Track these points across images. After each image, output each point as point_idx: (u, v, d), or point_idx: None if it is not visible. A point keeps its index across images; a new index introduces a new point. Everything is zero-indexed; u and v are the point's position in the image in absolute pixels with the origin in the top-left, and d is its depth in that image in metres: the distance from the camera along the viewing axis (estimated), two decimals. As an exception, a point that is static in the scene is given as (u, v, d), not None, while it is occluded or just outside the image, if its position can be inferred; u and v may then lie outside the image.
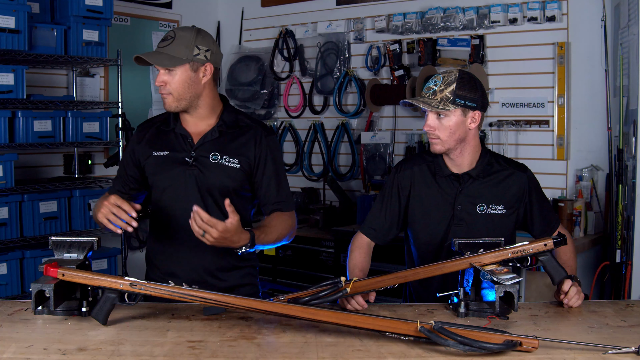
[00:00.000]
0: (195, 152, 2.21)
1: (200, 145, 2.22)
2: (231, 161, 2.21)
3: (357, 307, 1.98)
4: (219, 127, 2.23)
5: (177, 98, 2.16)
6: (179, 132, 2.24)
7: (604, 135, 3.77)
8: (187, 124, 2.25)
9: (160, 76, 2.14)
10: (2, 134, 3.63)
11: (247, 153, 2.23)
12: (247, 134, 2.25)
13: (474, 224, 2.22)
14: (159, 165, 2.24)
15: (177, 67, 2.13)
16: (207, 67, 2.18)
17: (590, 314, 1.98)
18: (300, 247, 4.44)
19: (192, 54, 2.13)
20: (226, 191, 2.20)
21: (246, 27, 5.35)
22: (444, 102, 2.13)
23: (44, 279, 1.83)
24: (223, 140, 2.23)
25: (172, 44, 2.13)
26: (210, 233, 1.93)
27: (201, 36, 2.17)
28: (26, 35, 3.61)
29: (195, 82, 2.17)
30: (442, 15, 4.26)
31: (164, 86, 2.15)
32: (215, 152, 2.21)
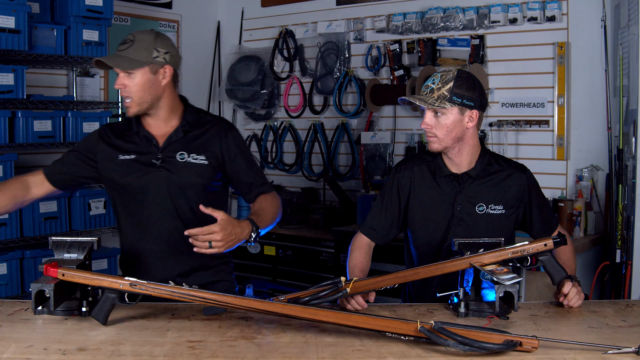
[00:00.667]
0: (162, 153, 2.23)
1: (167, 146, 2.24)
2: (198, 158, 2.24)
3: (357, 307, 1.98)
4: (183, 127, 2.26)
5: (138, 101, 2.18)
6: (143, 135, 2.26)
7: (604, 135, 3.77)
8: (150, 126, 2.27)
9: (120, 79, 2.16)
10: (2, 134, 3.63)
11: (213, 148, 2.26)
12: (210, 130, 2.29)
13: (474, 224, 2.22)
14: (127, 169, 2.23)
15: (136, 70, 2.15)
16: (166, 69, 2.20)
17: (590, 314, 1.98)
18: (300, 247, 4.44)
19: (152, 57, 2.15)
20: (197, 188, 2.23)
21: (246, 27, 5.35)
22: (441, 100, 2.13)
23: (44, 279, 1.83)
24: (188, 139, 2.25)
25: (132, 47, 2.15)
26: (214, 238, 1.94)
27: (160, 39, 2.19)
28: (26, 35, 3.60)
29: (155, 85, 2.19)
30: (442, 15, 4.26)
31: (124, 89, 2.17)
32: (181, 152, 2.23)
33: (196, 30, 5.25)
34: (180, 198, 2.23)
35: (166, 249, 2.23)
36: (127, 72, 2.15)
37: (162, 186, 2.21)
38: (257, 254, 4.67)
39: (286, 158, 5.15)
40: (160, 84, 2.20)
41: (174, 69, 2.23)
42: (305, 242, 4.41)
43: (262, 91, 5.08)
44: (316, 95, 4.97)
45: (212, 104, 5.41)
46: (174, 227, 2.22)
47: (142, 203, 2.23)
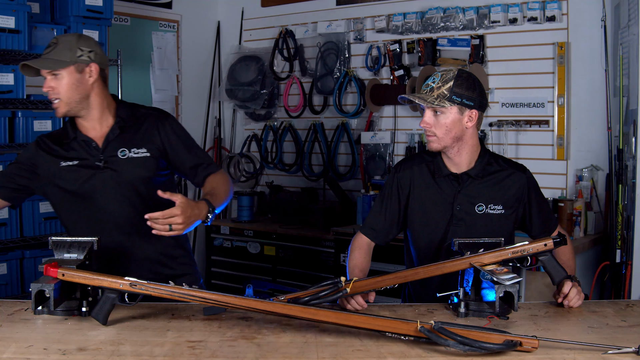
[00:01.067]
0: (103, 154, 2.23)
1: (106, 146, 2.24)
2: (139, 152, 2.25)
3: (357, 307, 1.98)
4: (118, 124, 2.27)
5: (66, 101, 2.18)
6: (82, 140, 2.25)
7: (604, 135, 3.77)
8: (87, 130, 2.26)
9: (47, 82, 2.17)
10: (2, 134, 3.63)
11: (153, 139, 2.28)
12: (146, 122, 2.30)
13: (473, 224, 2.22)
14: (72, 175, 2.23)
15: (62, 70, 2.15)
16: (92, 67, 2.21)
17: (590, 314, 1.98)
18: (300, 247, 4.44)
19: (76, 56, 2.16)
20: (145, 182, 2.24)
21: (246, 27, 5.35)
22: (440, 98, 2.13)
23: (44, 279, 1.83)
24: (126, 135, 2.26)
25: (56, 49, 2.17)
26: (175, 221, 1.97)
27: (83, 39, 2.21)
28: (26, 35, 3.60)
29: (82, 84, 2.19)
30: (442, 15, 4.26)
31: (52, 91, 2.17)
32: (122, 148, 2.24)
33: (196, 30, 5.26)
34: (132, 194, 2.25)
35: (129, 245, 2.26)
36: (53, 74, 2.16)
37: (110, 186, 2.23)
38: (257, 253, 4.67)
39: (286, 158, 5.15)
40: (88, 83, 2.21)
41: (100, 67, 2.24)
42: (305, 242, 4.41)
43: (262, 91, 5.08)
44: (316, 95, 4.97)
45: (212, 104, 5.41)
46: (131, 224, 2.25)
47: (95, 206, 2.24)
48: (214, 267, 4.97)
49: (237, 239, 4.79)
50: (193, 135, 2.43)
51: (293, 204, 4.76)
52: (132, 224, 2.24)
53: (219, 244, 4.91)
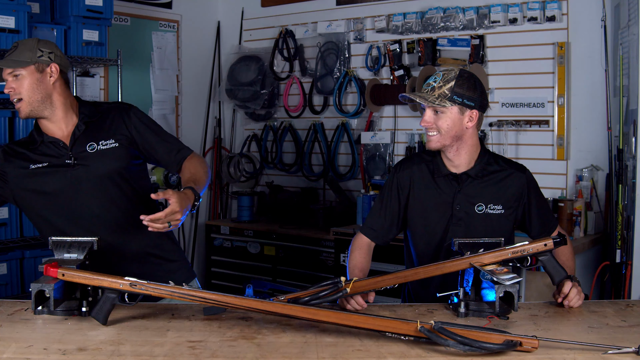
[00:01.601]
0: (72, 151, 2.24)
1: (74, 143, 2.25)
2: (108, 143, 2.27)
3: (356, 307, 1.98)
4: (83, 120, 2.28)
5: (28, 101, 2.19)
6: (48, 141, 2.25)
7: (604, 135, 3.77)
8: (53, 131, 2.27)
9: (8, 84, 2.19)
10: (2, 134, 3.63)
11: (120, 130, 2.29)
12: (110, 115, 2.33)
13: (473, 224, 2.22)
14: (43, 178, 2.23)
15: (23, 70, 2.17)
16: (52, 67, 2.23)
17: (590, 314, 1.98)
18: (300, 247, 4.44)
19: (36, 56, 2.19)
20: (118, 172, 2.25)
21: (246, 27, 5.35)
22: (441, 98, 2.14)
23: (44, 279, 1.83)
24: (92, 129, 2.28)
25: (16, 50, 2.20)
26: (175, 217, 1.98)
27: (43, 42, 2.24)
28: (26, 36, 3.60)
29: (44, 83, 2.21)
30: (442, 15, 4.26)
31: (14, 91, 2.19)
32: (90, 143, 2.26)
33: (196, 30, 5.26)
34: (108, 188, 2.25)
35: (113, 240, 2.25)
36: (14, 75, 2.18)
37: (85, 182, 2.23)
38: (257, 253, 4.67)
39: (286, 158, 5.15)
40: (49, 83, 2.23)
41: (60, 68, 2.26)
42: (305, 242, 4.41)
43: (262, 91, 5.08)
44: (316, 95, 4.97)
45: (212, 104, 5.41)
46: (113, 218, 2.26)
47: (71, 204, 2.23)
48: (214, 267, 4.97)
49: (237, 239, 4.79)
50: (193, 135, 2.45)
51: (293, 204, 4.76)
52: (114, 218, 2.26)
53: (219, 244, 4.91)
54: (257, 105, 5.13)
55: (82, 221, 2.25)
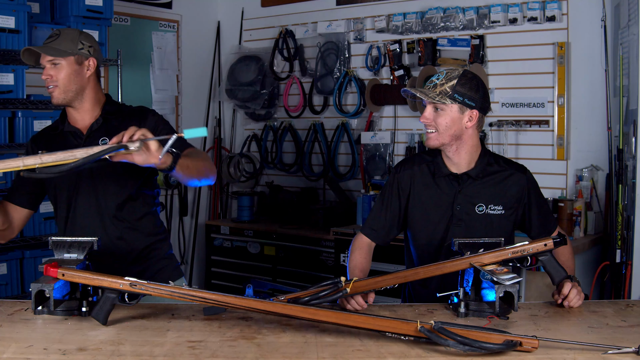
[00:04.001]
0: (86, 142, 2.28)
1: (89, 135, 2.31)
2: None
3: (357, 307, 1.98)
4: (103, 116, 2.33)
5: (64, 90, 2.25)
6: (68, 130, 2.33)
7: (604, 135, 3.77)
8: (75, 120, 2.34)
9: (47, 70, 2.25)
10: (2, 134, 3.63)
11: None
12: (129, 115, 2.36)
13: (473, 224, 2.22)
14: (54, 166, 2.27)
15: (63, 60, 2.23)
16: (90, 61, 2.30)
17: (590, 314, 1.98)
18: (300, 247, 4.44)
19: (77, 48, 2.25)
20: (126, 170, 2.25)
21: (246, 27, 5.35)
22: (442, 95, 2.14)
23: (44, 279, 1.83)
24: (109, 126, 2.32)
25: (58, 39, 2.25)
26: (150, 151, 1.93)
27: (84, 35, 2.31)
28: (26, 35, 3.60)
29: (80, 75, 2.28)
30: (442, 15, 4.26)
31: (51, 79, 2.24)
32: (104, 137, 2.30)
33: (196, 30, 5.25)
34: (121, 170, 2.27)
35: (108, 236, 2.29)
36: (53, 64, 2.24)
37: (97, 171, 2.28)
38: (257, 253, 4.67)
39: (286, 158, 5.15)
40: (85, 75, 2.29)
41: (97, 63, 2.32)
42: (305, 242, 4.41)
43: (262, 91, 5.08)
44: (316, 95, 4.97)
45: (212, 104, 5.41)
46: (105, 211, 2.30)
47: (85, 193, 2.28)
48: (214, 267, 4.97)
49: (237, 239, 4.79)
50: (193, 136, 2.43)
51: (293, 204, 4.76)
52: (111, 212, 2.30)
53: (219, 244, 4.91)
54: (257, 105, 5.13)
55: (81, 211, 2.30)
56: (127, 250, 2.34)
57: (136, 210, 2.35)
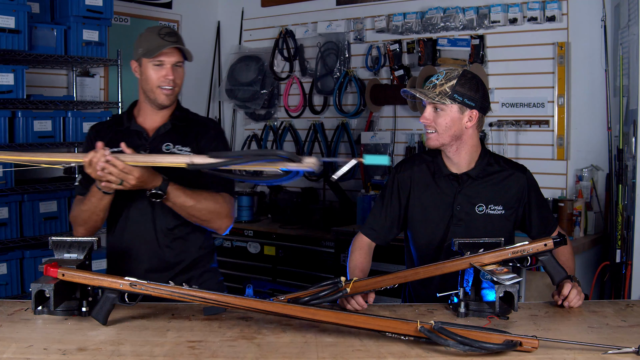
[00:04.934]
0: (150, 145, 2.27)
1: (154, 138, 2.28)
2: (183, 150, 2.27)
3: (357, 307, 1.98)
4: (172, 121, 2.31)
5: (177, 92, 2.28)
6: (134, 129, 2.31)
7: (604, 135, 3.77)
8: (144, 120, 2.32)
9: (171, 71, 2.23)
10: (2, 134, 3.63)
11: (198, 143, 2.30)
12: (197, 126, 2.34)
13: (473, 224, 2.22)
14: None
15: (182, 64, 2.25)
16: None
17: (590, 314, 1.98)
18: (300, 247, 4.44)
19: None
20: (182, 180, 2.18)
21: (246, 27, 5.35)
22: (442, 95, 2.14)
23: (44, 279, 1.83)
24: (176, 131, 2.30)
25: (181, 40, 2.26)
26: (128, 180, 1.99)
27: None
28: (26, 35, 3.61)
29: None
30: (442, 15, 4.26)
31: (173, 80, 2.24)
32: (168, 143, 2.28)
33: (196, 30, 5.25)
34: None
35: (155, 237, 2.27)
36: (177, 66, 2.25)
37: None
38: (257, 253, 4.67)
39: (286, 158, 5.14)
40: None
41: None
42: (305, 242, 4.41)
43: (262, 91, 5.08)
44: (316, 95, 4.97)
45: (212, 104, 5.41)
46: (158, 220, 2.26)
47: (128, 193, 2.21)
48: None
49: (237, 239, 4.79)
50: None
51: (293, 204, 4.76)
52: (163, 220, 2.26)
53: (219, 244, 4.90)
54: (257, 105, 5.13)
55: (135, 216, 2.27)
56: (176, 261, 2.29)
57: (188, 223, 2.27)
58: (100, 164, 1.98)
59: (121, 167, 1.98)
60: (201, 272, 2.35)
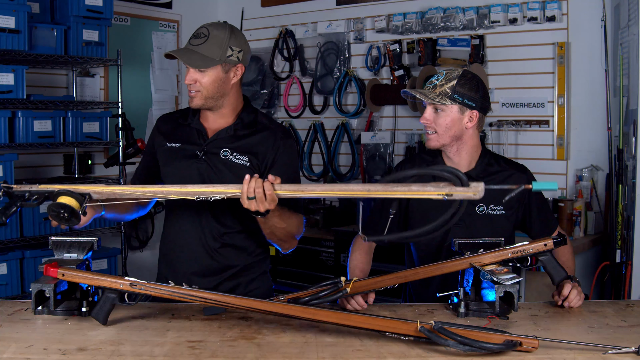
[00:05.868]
0: (207, 146, 2.18)
1: (214, 140, 2.18)
2: (241, 158, 2.16)
3: (357, 307, 1.98)
4: (236, 126, 2.19)
5: (205, 96, 2.13)
6: (195, 127, 2.22)
7: (604, 135, 3.77)
8: (206, 120, 2.23)
9: (190, 74, 2.12)
10: (2, 134, 3.63)
11: (259, 152, 2.17)
12: (262, 133, 2.20)
13: (473, 225, 2.22)
14: (169, 157, 2.22)
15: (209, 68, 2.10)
16: (238, 68, 2.15)
17: (590, 314, 1.98)
18: (300, 247, 4.43)
19: (226, 55, 2.10)
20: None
21: (246, 27, 5.35)
22: (442, 96, 2.14)
23: (44, 279, 1.83)
24: (236, 137, 2.19)
25: (206, 43, 2.09)
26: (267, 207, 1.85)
27: (234, 36, 2.13)
28: (26, 35, 3.61)
29: (225, 83, 2.14)
30: (442, 15, 4.26)
31: (194, 84, 2.12)
32: (226, 149, 2.17)
33: (196, 30, 5.25)
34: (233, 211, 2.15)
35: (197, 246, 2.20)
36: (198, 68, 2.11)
37: (196, 178, 2.15)
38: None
39: (286, 158, 5.15)
40: (230, 82, 2.16)
41: (245, 67, 2.18)
42: (305, 242, 4.40)
43: (262, 91, 5.08)
44: (316, 95, 4.97)
45: (212, 104, 5.40)
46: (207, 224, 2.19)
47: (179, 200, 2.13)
48: (214, 267, 4.96)
49: (237, 239, 4.79)
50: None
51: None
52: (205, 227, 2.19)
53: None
54: (257, 105, 5.12)
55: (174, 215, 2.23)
56: (223, 266, 2.21)
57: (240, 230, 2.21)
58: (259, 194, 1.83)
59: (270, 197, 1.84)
60: (251, 279, 2.27)
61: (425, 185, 1.74)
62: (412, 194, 1.74)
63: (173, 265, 2.25)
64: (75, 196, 1.85)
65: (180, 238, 2.24)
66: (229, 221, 2.20)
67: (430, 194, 1.74)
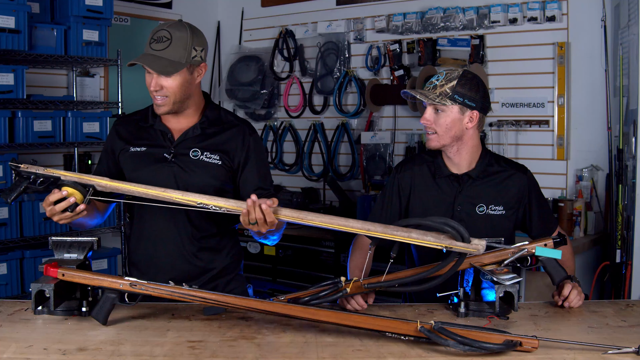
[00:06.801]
0: (175, 148, 2.14)
1: (181, 141, 2.15)
2: (212, 157, 2.14)
3: (357, 307, 1.98)
4: (201, 124, 2.17)
5: (174, 101, 2.09)
6: (159, 129, 2.17)
7: (604, 135, 3.77)
8: (169, 120, 2.18)
9: (156, 80, 2.06)
10: (2, 134, 3.63)
11: (229, 150, 2.16)
12: (230, 130, 2.19)
13: (474, 225, 2.22)
14: (137, 162, 2.16)
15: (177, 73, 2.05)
16: (202, 67, 2.13)
17: (590, 314, 1.98)
18: (300, 247, 4.44)
19: (191, 57, 2.06)
20: (207, 190, 2.04)
21: (246, 27, 5.35)
22: (442, 96, 2.14)
23: (44, 279, 1.83)
24: (204, 136, 2.16)
25: (170, 46, 2.04)
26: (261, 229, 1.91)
27: (195, 35, 2.09)
28: (26, 35, 3.61)
29: (191, 84, 2.11)
30: (442, 15, 4.26)
31: (161, 90, 2.07)
32: (195, 149, 2.14)
33: (196, 30, 5.25)
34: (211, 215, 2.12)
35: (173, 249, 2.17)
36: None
37: (171, 182, 2.10)
38: (257, 253, 4.67)
39: (286, 158, 5.15)
40: (195, 82, 2.13)
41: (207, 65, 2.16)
42: (305, 242, 4.40)
43: (262, 91, 5.08)
44: (316, 95, 4.97)
45: (212, 104, 5.40)
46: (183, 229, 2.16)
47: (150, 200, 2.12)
48: (214, 267, 4.95)
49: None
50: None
51: (293, 204, 4.76)
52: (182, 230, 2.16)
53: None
54: (257, 105, 5.13)
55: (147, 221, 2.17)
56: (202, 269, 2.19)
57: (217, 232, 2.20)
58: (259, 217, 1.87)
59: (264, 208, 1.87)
60: (228, 280, 2.26)
61: (425, 234, 1.79)
62: (410, 241, 1.81)
63: (148, 273, 2.15)
64: (79, 188, 1.88)
65: (154, 245, 2.18)
66: (204, 224, 2.18)
67: (430, 244, 1.81)
